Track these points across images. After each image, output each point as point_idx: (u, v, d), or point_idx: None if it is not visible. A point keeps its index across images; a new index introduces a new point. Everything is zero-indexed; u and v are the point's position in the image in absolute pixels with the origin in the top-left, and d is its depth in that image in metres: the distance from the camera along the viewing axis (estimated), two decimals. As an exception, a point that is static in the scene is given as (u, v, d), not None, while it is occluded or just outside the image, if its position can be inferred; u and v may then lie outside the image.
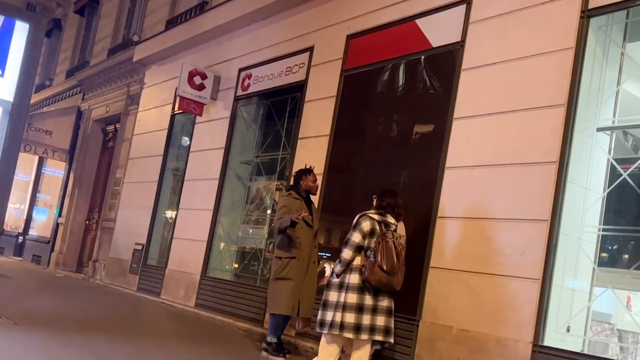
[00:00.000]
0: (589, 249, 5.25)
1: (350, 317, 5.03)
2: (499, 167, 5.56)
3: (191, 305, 9.24)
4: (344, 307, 5.05)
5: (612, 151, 5.37)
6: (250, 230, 9.23)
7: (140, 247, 11.19)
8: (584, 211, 5.27)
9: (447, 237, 5.84)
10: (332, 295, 5.18)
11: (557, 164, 5.11)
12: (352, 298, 5.07)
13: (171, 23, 12.15)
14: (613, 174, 5.25)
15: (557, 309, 5.07)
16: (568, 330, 5.10)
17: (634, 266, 5.01)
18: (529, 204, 5.23)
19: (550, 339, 4.96)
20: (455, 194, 5.86)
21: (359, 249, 5.13)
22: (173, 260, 10.18)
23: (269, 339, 6.22)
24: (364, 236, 5.11)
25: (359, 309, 5.05)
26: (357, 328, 5.03)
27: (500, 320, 5.20)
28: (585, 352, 5.00)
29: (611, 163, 5.28)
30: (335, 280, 5.21)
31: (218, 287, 8.95)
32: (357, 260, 5.13)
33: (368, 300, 5.08)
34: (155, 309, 9.37)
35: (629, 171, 5.06)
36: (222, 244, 9.55)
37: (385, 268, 4.94)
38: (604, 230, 5.27)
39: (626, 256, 5.36)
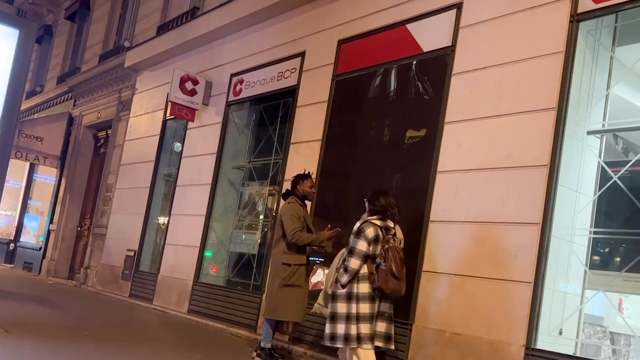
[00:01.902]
0: (581, 252, 5.27)
1: (365, 328, 4.88)
2: (490, 171, 5.57)
3: (184, 312, 9.21)
4: (358, 319, 4.90)
5: (602, 154, 5.40)
6: (243, 236, 9.21)
7: (132, 254, 11.15)
8: (575, 214, 5.29)
9: (439, 241, 5.85)
10: (341, 307, 4.97)
11: (548, 168, 5.14)
12: (364, 308, 4.91)
13: (162, 29, 12.15)
14: (604, 177, 5.27)
15: (549, 312, 5.08)
16: (560, 333, 5.12)
17: (625, 269, 5.03)
18: (520, 208, 5.25)
19: (543, 342, 4.97)
20: (447, 198, 5.87)
21: (366, 258, 4.96)
22: (165, 267, 10.15)
23: (263, 344, 6.20)
24: (369, 243, 4.94)
25: (372, 318, 4.93)
26: (373, 338, 4.93)
27: (492, 324, 5.21)
28: (578, 354, 5.01)
29: (602, 166, 5.31)
30: (342, 290, 4.99)
31: (211, 293, 8.92)
32: (364, 269, 4.96)
33: (376, 308, 4.97)
34: (148, 316, 9.33)
35: (619, 174, 5.08)
36: (215, 250, 9.53)
37: (396, 274, 4.86)
38: (595, 233, 5.29)
39: (617, 259, 5.38)
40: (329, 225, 6.24)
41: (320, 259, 6.91)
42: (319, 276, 6.38)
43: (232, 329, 7.93)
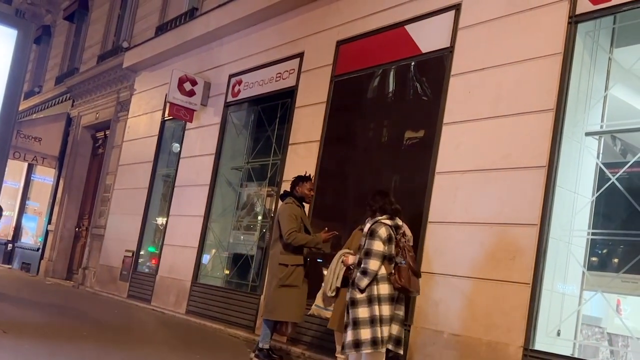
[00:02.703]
0: (579, 253, 5.28)
1: (386, 331, 4.77)
2: (488, 172, 5.58)
3: (182, 312, 9.20)
4: (381, 321, 4.77)
5: (600, 155, 5.41)
6: (242, 237, 9.21)
7: (130, 254, 11.14)
8: (573, 215, 5.30)
9: (437, 242, 5.85)
10: (363, 312, 4.79)
11: (547, 169, 5.14)
12: (386, 310, 4.79)
13: (161, 29, 12.14)
14: (602, 178, 5.28)
15: (547, 313, 5.09)
16: (558, 334, 5.12)
17: (623, 270, 5.03)
18: (518, 209, 5.25)
19: (541, 343, 4.97)
20: (446, 199, 5.88)
21: (383, 258, 4.84)
22: (163, 267, 10.14)
23: (261, 344, 6.20)
24: (384, 243, 4.84)
25: (391, 320, 4.83)
26: (392, 340, 4.83)
27: (491, 325, 5.21)
28: (576, 355, 5.02)
29: (600, 167, 5.31)
30: (362, 295, 4.81)
31: (209, 294, 8.92)
32: (382, 270, 4.83)
33: (395, 309, 4.89)
34: (146, 316, 9.32)
35: (617, 175, 5.09)
36: (213, 250, 9.52)
37: (417, 271, 4.86)
38: (593, 234, 5.30)
39: (615, 260, 5.38)
40: (326, 228, 6.24)
41: (318, 260, 6.90)
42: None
43: (230, 329, 7.92)
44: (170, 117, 10.54)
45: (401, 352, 4.94)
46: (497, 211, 5.41)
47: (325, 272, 5.93)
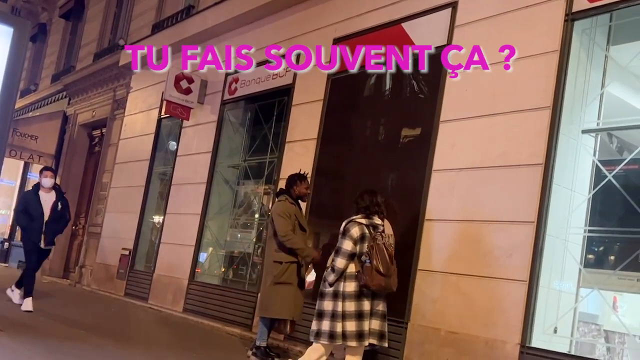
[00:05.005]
0: (575, 250, 5.29)
1: (351, 326, 5.00)
2: (485, 170, 5.58)
3: (179, 310, 9.20)
4: (344, 316, 5.01)
5: (597, 153, 5.42)
6: (239, 235, 9.21)
7: (127, 252, 11.13)
8: (570, 213, 5.31)
9: (434, 239, 5.86)
10: (327, 305, 5.11)
11: (543, 166, 5.15)
12: (350, 306, 5.03)
13: (157, 27, 12.12)
14: (598, 175, 5.29)
15: (544, 311, 5.10)
16: (555, 331, 5.13)
17: (619, 267, 5.05)
18: (515, 206, 5.26)
19: (538, 340, 4.99)
20: (443, 197, 5.88)
21: (351, 257, 5.09)
22: (161, 265, 10.13)
23: (258, 342, 6.20)
24: (354, 243, 5.08)
25: (359, 315, 5.03)
26: (360, 335, 5.01)
27: (488, 322, 5.22)
28: (573, 353, 5.03)
29: (596, 165, 5.32)
30: (329, 289, 5.14)
31: (206, 292, 8.91)
32: (351, 268, 5.09)
33: (366, 306, 5.06)
34: (143, 315, 9.31)
35: (613, 173, 5.10)
36: (211, 249, 9.52)
37: (382, 271, 4.94)
38: (589, 231, 5.31)
39: (612, 257, 5.39)
40: (320, 249, 6.45)
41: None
42: (314, 275, 6.38)
43: (228, 327, 7.92)
44: (167, 115, 10.51)
45: (385, 344, 5.20)
46: (493, 209, 5.42)
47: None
